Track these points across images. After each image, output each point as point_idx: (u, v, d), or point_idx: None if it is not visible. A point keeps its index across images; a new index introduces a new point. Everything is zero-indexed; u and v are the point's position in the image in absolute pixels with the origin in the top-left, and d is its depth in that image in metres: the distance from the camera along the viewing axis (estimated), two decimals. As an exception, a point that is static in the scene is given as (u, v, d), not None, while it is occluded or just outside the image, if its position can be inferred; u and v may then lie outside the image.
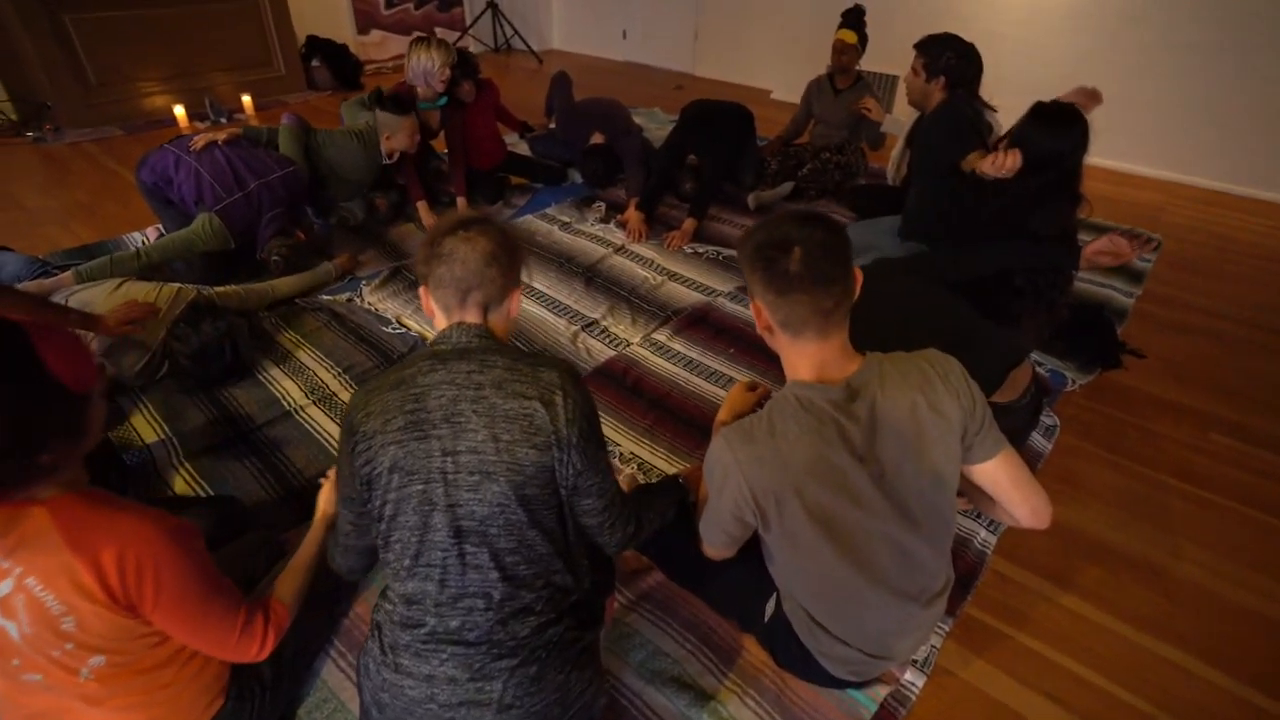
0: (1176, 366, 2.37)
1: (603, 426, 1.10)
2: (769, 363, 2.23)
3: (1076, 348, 2.35)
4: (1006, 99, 4.30)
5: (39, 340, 0.87)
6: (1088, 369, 2.29)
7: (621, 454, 1.86)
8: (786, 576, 1.19)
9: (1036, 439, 1.97)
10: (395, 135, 2.77)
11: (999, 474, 1.11)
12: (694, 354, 2.28)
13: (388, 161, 2.85)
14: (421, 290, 1.09)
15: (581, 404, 1.02)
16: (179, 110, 4.31)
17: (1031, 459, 1.91)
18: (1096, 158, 4.17)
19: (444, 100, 3.01)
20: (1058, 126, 1.93)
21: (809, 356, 1.05)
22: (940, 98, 2.35)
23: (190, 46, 4.43)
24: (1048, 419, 2.04)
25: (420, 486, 0.98)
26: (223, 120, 4.47)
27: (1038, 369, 2.25)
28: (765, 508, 1.04)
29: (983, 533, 1.67)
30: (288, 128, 2.65)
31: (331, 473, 1.35)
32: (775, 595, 1.26)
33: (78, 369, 0.90)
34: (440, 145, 3.37)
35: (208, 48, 4.51)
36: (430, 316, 1.09)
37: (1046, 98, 4.09)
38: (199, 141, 2.45)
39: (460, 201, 3.15)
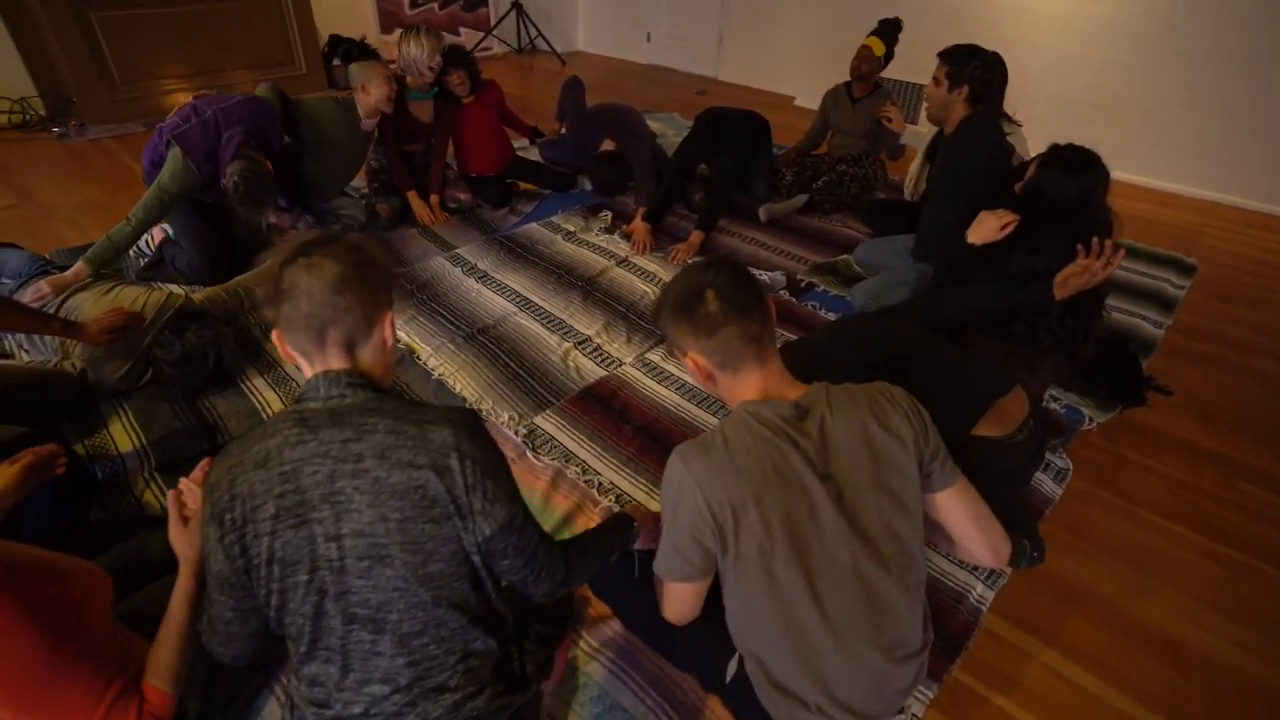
0: (1206, 405, 2.21)
1: (585, 452, 1.06)
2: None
3: (1097, 382, 2.21)
4: (1037, 112, 4.16)
5: None
6: (1108, 406, 2.15)
7: (600, 484, 1.78)
8: (746, 625, 1.10)
9: (1045, 483, 1.84)
10: (370, 85, 2.68)
11: (956, 506, 1.13)
12: (687, 377, 2.19)
13: (368, 126, 2.78)
14: (275, 335, 0.93)
15: (484, 462, 0.90)
16: (199, 107, 4.34)
17: (1039, 505, 1.79)
18: (1132, 175, 4.01)
19: (435, 90, 2.97)
20: (1072, 172, 1.83)
21: (754, 385, 1.07)
22: (962, 111, 2.23)
23: (213, 44, 4.47)
24: (1060, 461, 1.91)
25: (305, 576, 0.87)
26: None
27: (1052, 405, 2.12)
28: (723, 523, 0.98)
29: (979, 587, 1.56)
30: (264, 86, 2.68)
31: (173, 498, 1.08)
32: (738, 655, 1.17)
33: None
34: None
35: (230, 45, 4.54)
36: (291, 362, 0.95)
37: (1080, 110, 3.92)
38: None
39: (413, 199, 3.10)
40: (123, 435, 1.88)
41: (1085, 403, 2.15)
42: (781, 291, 2.70)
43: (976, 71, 2.17)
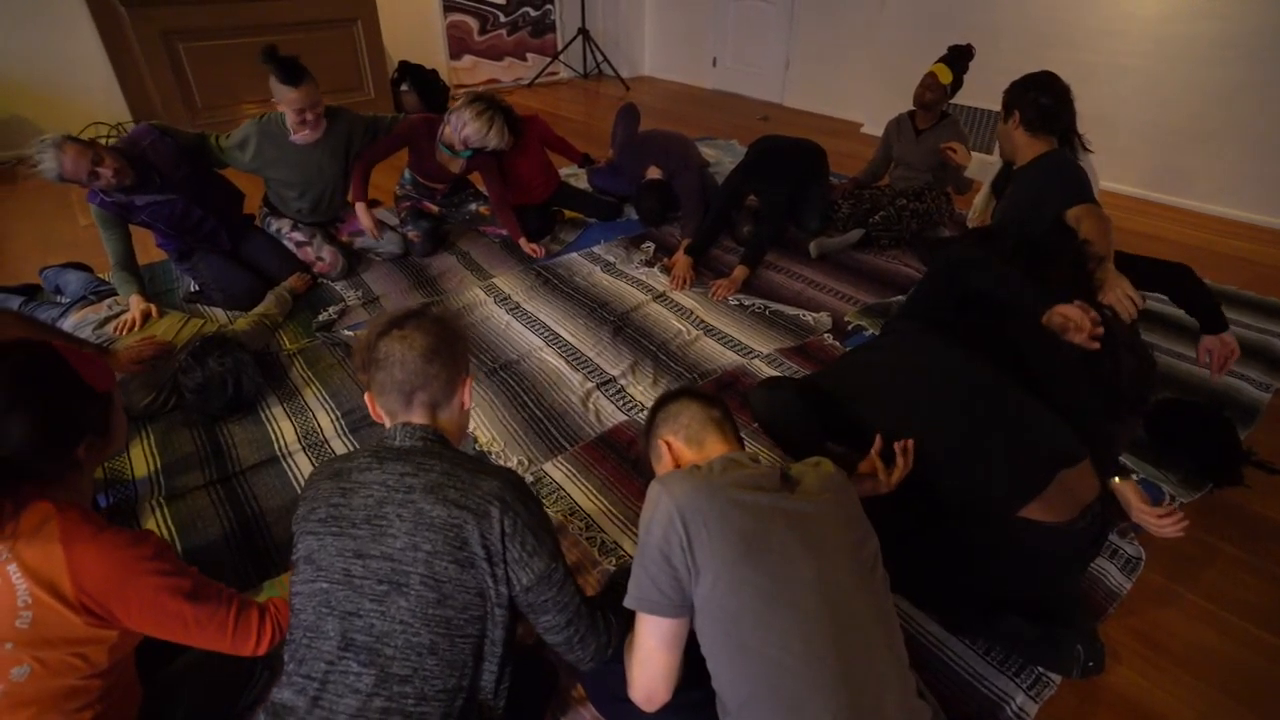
0: (1319, 489, 1.90)
1: (591, 505, 1.16)
2: (796, 443, 1.97)
3: (1182, 453, 1.93)
4: (1125, 141, 3.84)
5: (66, 354, 1.05)
6: (1196, 483, 1.87)
7: (604, 543, 1.66)
8: (718, 681, 0.98)
9: (1110, 573, 1.60)
10: (281, 99, 2.51)
11: None
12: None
13: (297, 139, 2.59)
14: (367, 397, 1.07)
15: (525, 516, 0.97)
16: (272, 132, 4.53)
17: (1099, 600, 1.54)
18: (1237, 211, 3.61)
19: (469, 153, 2.85)
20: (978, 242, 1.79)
21: (715, 452, 1.12)
22: (1023, 141, 2.01)
23: (289, 71, 4.66)
24: (1130, 547, 1.66)
25: (324, 585, 0.94)
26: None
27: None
28: (694, 538, 0.95)
29: (1020, 697, 1.34)
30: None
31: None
32: None
33: (98, 375, 1.07)
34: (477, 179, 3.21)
35: (305, 73, 4.73)
36: (379, 421, 1.07)
37: (1175, 140, 3.55)
38: None
39: (522, 242, 3.00)
40: (140, 460, 1.90)
41: (1166, 477, 1.88)
42: (826, 335, 2.52)
43: (1029, 96, 1.95)
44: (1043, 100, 1.93)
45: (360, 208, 2.76)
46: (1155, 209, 3.81)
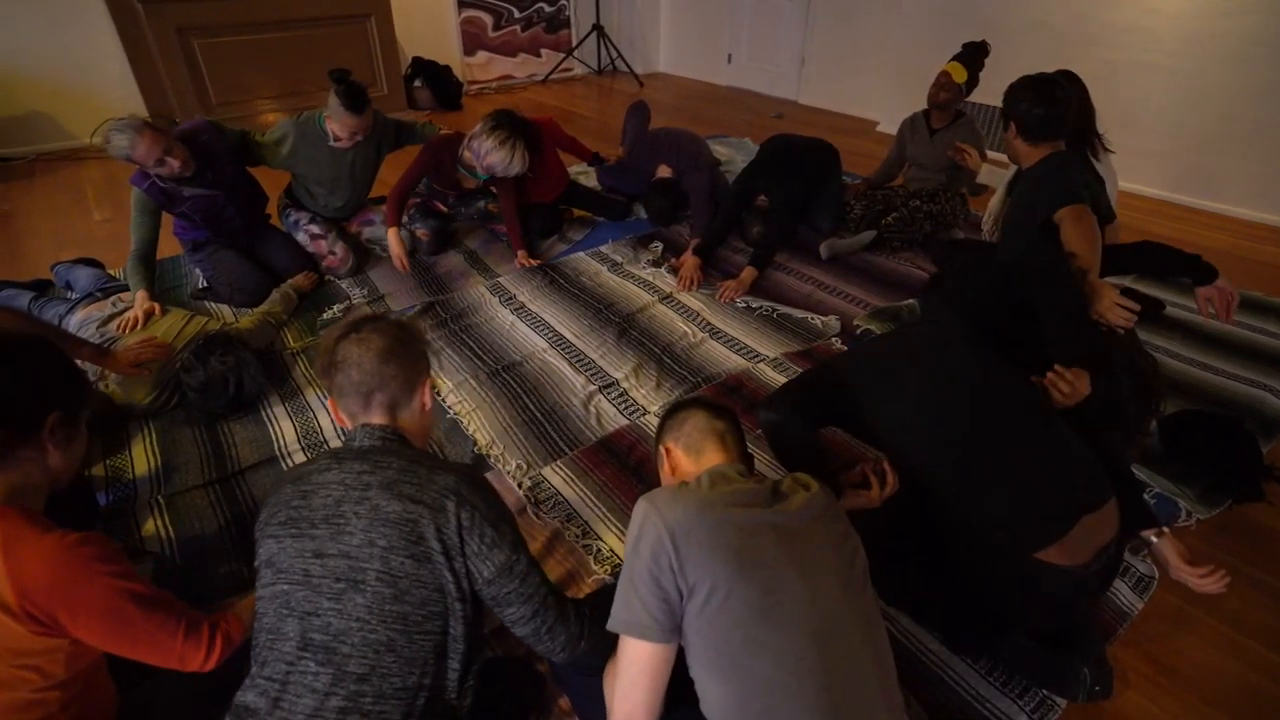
0: (1344, 506, 1.83)
1: (589, 511, 1.24)
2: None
3: (1200, 467, 1.87)
4: (1154, 142, 3.73)
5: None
6: (1214, 499, 1.81)
7: (599, 550, 1.63)
8: (706, 703, 0.95)
9: (1121, 591, 1.54)
10: (333, 120, 2.61)
11: None
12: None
13: (337, 145, 2.68)
14: (329, 403, 1.09)
15: (483, 509, 0.97)
16: (285, 127, 4.55)
17: (1109, 620, 1.49)
18: (1271, 215, 3.50)
19: (486, 176, 2.87)
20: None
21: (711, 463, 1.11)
22: (1025, 149, 1.95)
23: (300, 66, 4.68)
24: (1143, 565, 1.61)
25: (285, 587, 0.94)
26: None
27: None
28: (686, 555, 0.92)
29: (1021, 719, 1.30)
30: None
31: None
32: None
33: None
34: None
35: (318, 68, 4.67)
36: (343, 425, 1.09)
37: (1207, 140, 3.45)
38: None
39: (520, 254, 2.97)
40: (142, 458, 1.90)
41: (1183, 492, 1.82)
42: (834, 339, 2.48)
43: (1022, 107, 1.88)
44: (1036, 111, 1.86)
45: (393, 234, 2.77)
46: (1179, 211, 3.70)
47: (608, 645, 1.04)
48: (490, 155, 2.69)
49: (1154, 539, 1.42)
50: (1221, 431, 1.92)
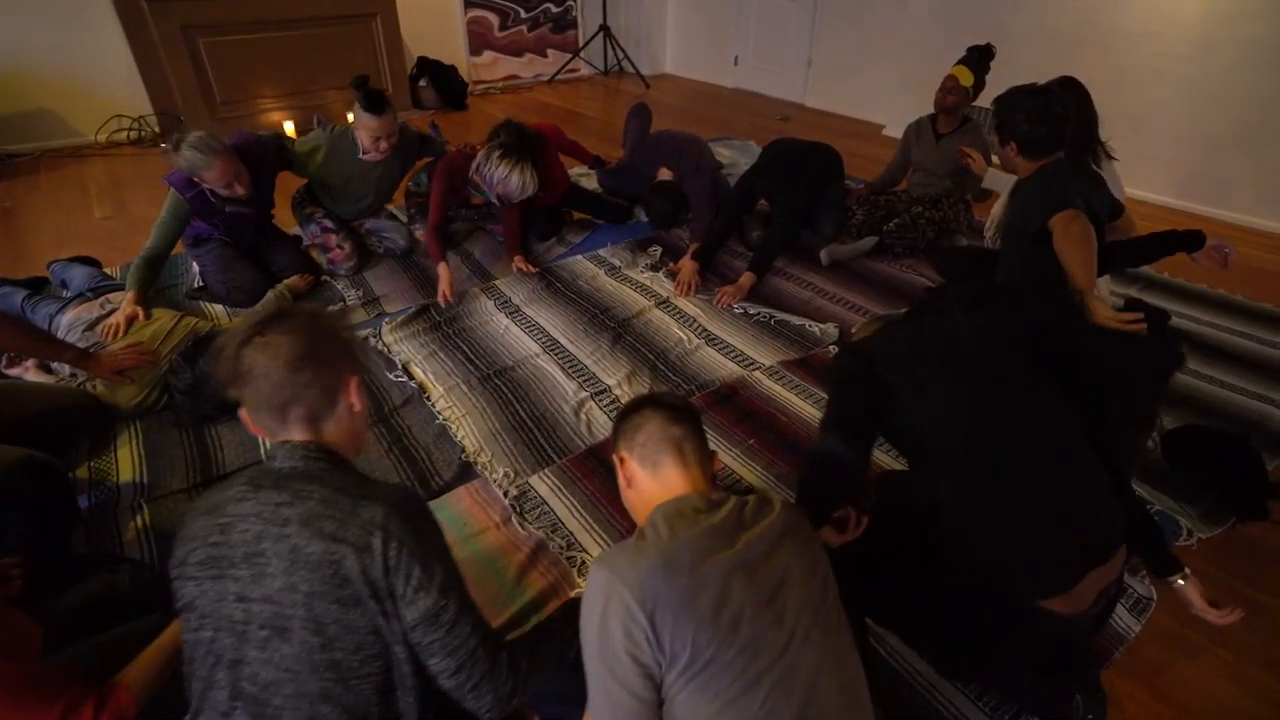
0: (1352, 527, 1.78)
1: (575, 522, 1.16)
2: (792, 462, 1.90)
3: (1203, 484, 1.82)
4: (1160, 147, 3.67)
5: None
6: (1216, 518, 1.76)
7: (583, 563, 1.60)
8: None
9: (1118, 614, 1.50)
10: (358, 126, 2.66)
11: None
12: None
13: (367, 159, 2.73)
14: (242, 413, 0.95)
15: (413, 546, 0.85)
16: (289, 126, 4.54)
17: (1105, 644, 1.45)
18: (1277, 223, 3.43)
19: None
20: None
21: (672, 489, 1.01)
22: (1024, 165, 1.90)
23: (306, 66, 4.67)
24: (1141, 587, 1.57)
25: (210, 634, 0.86)
26: (327, 137, 4.67)
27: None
28: (661, 626, 0.83)
29: (1013, 749, 1.26)
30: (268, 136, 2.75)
31: None
32: None
33: None
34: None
35: (323, 67, 4.74)
36: (260, 437, 0.96)
37: (1215, 145, 3.39)
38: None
39: (517, 259, 2.92)
40: (127, 460, 1.89)
41: (1184, 510, 1.77)
42: (831, 347, 2.44)
43: (1022, 129, 1.84)
44: (1036, 132, 1.82)
45: (443, 268, 2.70)
46: (1187, 219, 3.64)
47: (542, 678, 1.00)
48: (502, 184, 2.66)
49: (1180, 582, 1.32)
50: (1226, 448, 1.87)
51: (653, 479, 1.03)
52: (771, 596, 0.88)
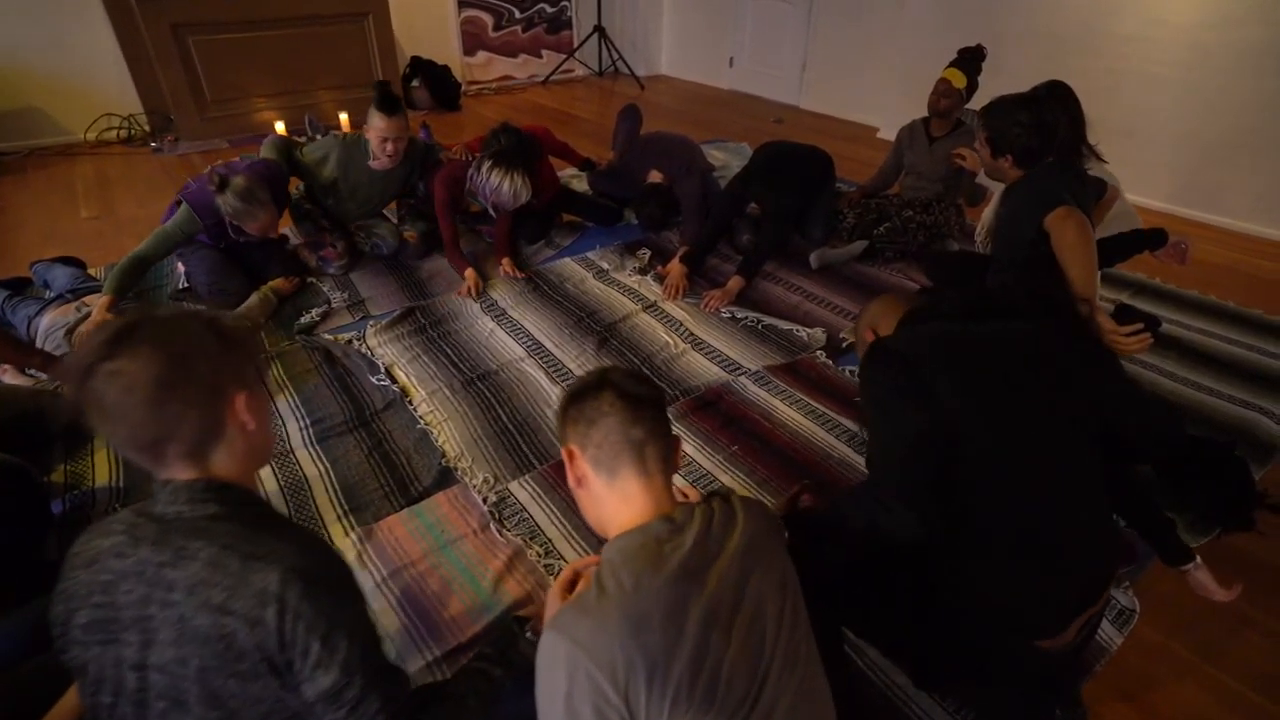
0: (1338, 538, 1.76)
1: (554, 529, 1.16)
2: (775, 468, 1.88)
3: (1189, 494, 1.81)
4: (1154, 153, 3.66)
5: None
6: (1201, 528, 1.74)
7: (559, 571, 1.59)
8: None
9: (1102, 627, 1.48)
10: (369, 128, 2.67)
11: None
12: (688, 448, 1.96)
13: (376, 166, 2.75)
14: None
15: (311, 620, 0.76)
16: (280, 126, 4.51)
17: (1087, 657, 1.43)
18: (1271, 229, 3.42)
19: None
20: None
21: (631, 502, 0.90)
22: (1015, 173, 1.89)
23: (298, 66, 4.65)
24: (1124, 598, 1.55)
25: (109, 700, 0.79)
26: (318, 136, 4.64)
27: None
28: (633, 693, 0.75)
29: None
30: (268, 144, 2.77)
31: None
32: None
33: None
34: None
35: (315, 67, 4.72)
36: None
37: (1209, 150, 3.38)
38: None
39: (505, 262, 2.91)
40: (103, 464, 1.87)
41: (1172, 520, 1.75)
42: (819, 352, 2.42)
43: (1019, 143, 1.82)
44: (1032, 144, 1.81)
45: (470, 274, 2.77)
46: (1180, 225, 3.62)
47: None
48: (498, 194, 2.69)
49: (1193, 570, 1.38)
50: (1212, 456, 1.85)
51: (608, 487, 0.91)
52: (745, 639, 0.81)
